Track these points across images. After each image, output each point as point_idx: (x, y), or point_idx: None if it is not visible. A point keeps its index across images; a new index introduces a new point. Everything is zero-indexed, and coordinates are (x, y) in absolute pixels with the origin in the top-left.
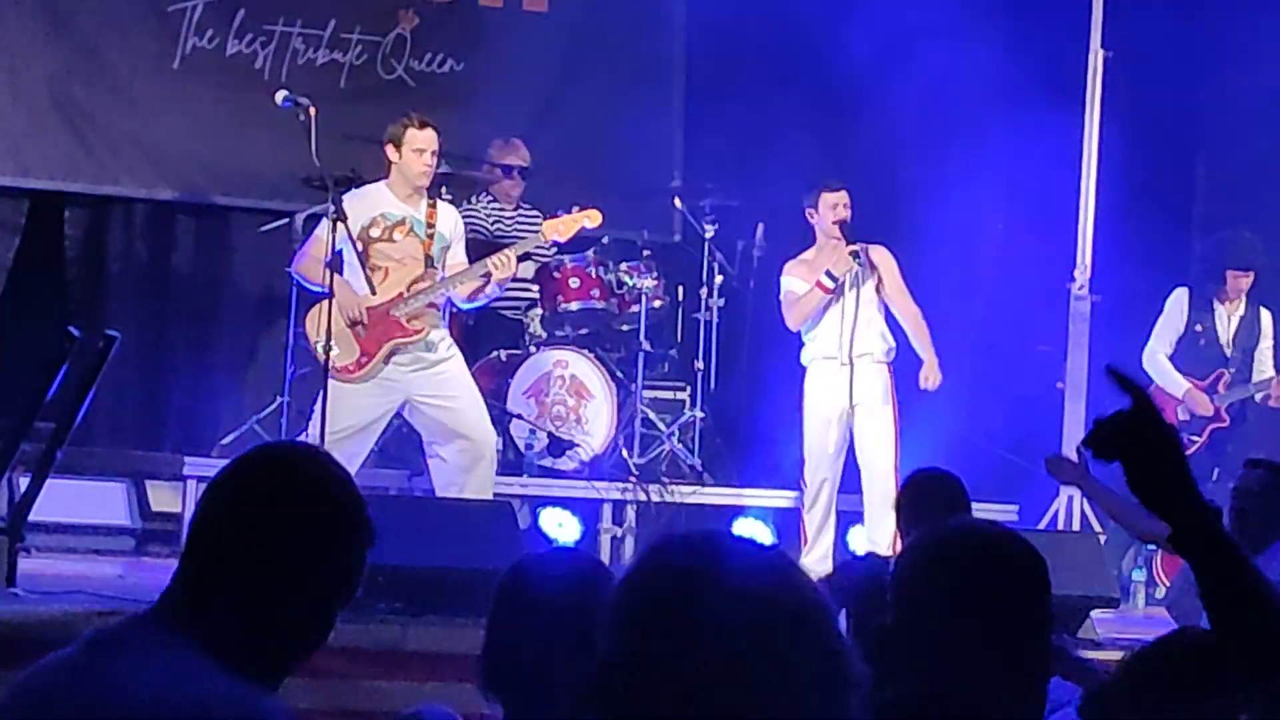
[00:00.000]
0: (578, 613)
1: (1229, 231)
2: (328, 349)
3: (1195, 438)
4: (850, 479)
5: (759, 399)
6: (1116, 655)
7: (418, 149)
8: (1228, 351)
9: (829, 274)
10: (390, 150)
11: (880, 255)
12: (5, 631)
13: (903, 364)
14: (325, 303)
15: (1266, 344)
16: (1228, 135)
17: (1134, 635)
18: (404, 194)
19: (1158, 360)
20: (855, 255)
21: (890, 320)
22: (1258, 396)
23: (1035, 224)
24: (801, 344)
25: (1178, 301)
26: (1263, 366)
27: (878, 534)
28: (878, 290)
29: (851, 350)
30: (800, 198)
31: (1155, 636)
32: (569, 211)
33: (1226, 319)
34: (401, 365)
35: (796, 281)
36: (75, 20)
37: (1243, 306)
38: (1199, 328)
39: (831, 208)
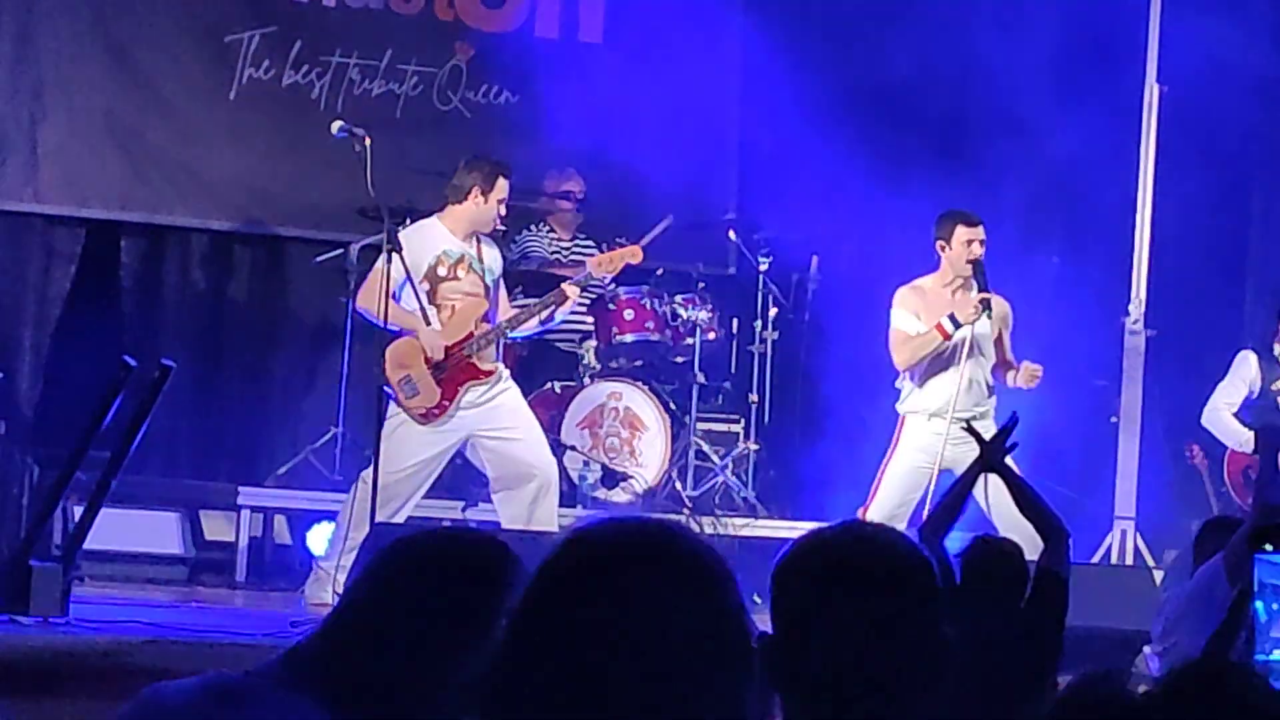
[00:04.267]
0: None
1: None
2: (381, 388)
3: None
4: None
5: (813, 432)
6: None
7: (501, 198)
8: None
9: (953, 319)
10: (476, 193)
11: (1000, 307)
12: (59, 660)
13: None
14: (401, 341)
15: None
16: None
17: None
18: (462, 232)
19: (1221, 418)
20: (985, 305)
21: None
22: None
23: (1090, 258)
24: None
25: (1245, 364)
26: None
27: None
28: (996, 344)
29: (956, 408)
30: (860, 230)
31: None
32: (612, 246)
33: None
34: (467, 403)
35: (908, 318)
36: (132, 51)
37: None
38: (1276, 386)
39: (966, 244)
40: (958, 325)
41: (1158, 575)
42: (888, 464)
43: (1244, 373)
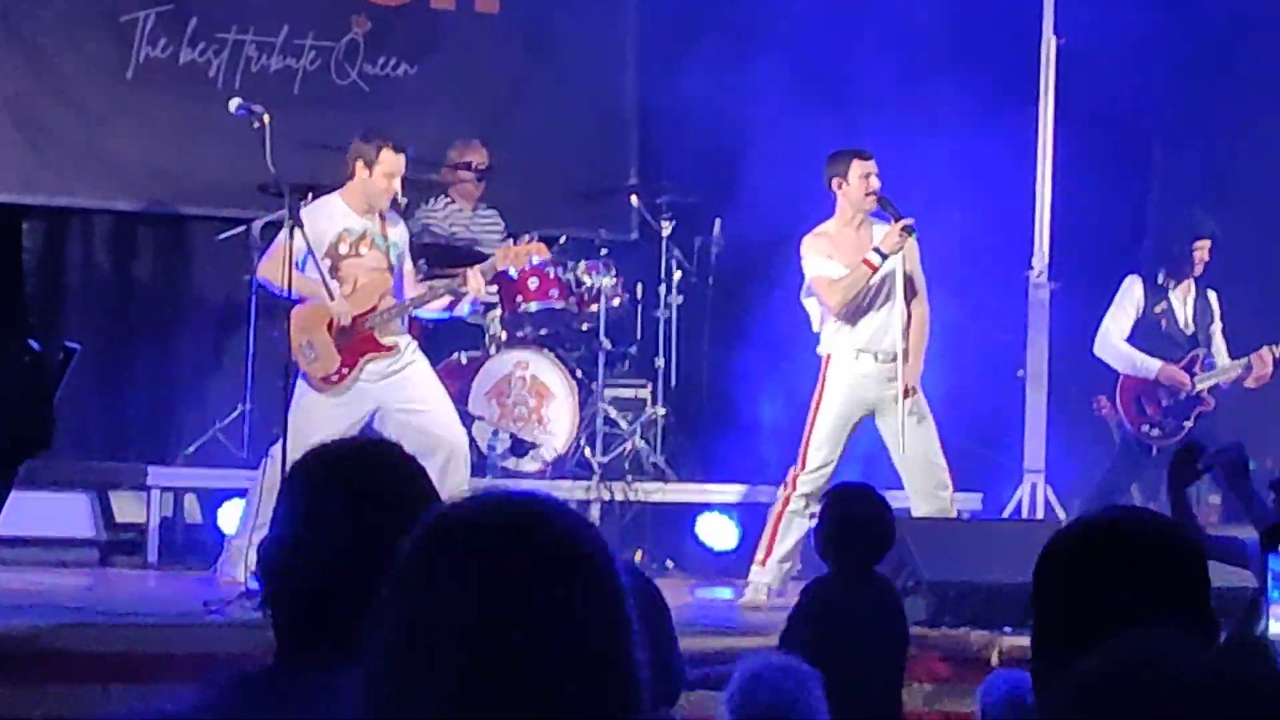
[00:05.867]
0: None
1: (1180, 209)
2: (288, 360)
3: (1186, 423)
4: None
5: (721, 394)
6: None
7: (389, 173)
8: (1188, 332)
9: (878, 251)
10: (359, 166)
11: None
12: None
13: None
14: (307, 306)
15: (1218, 326)
16: (1183, 121)
17: None
18: (361, 208)
19: (1114, 344)
20: (909, 229)
21: None
22: (1235, 378)
23: (992, 212)
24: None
25: (1131, 287)
26: (1218, 347)
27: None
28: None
29: (884, 344)
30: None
31: None
32: (519, 240)
33: (1183, 300)
34: (371, 374)
35: (825, 262)
36: (29, 32)
37: (1192, 289)
38: (1158, 309)
39: (864, 177)
40: (884, 257)
41: None
42: (817, 414)
43: (1130, 297)
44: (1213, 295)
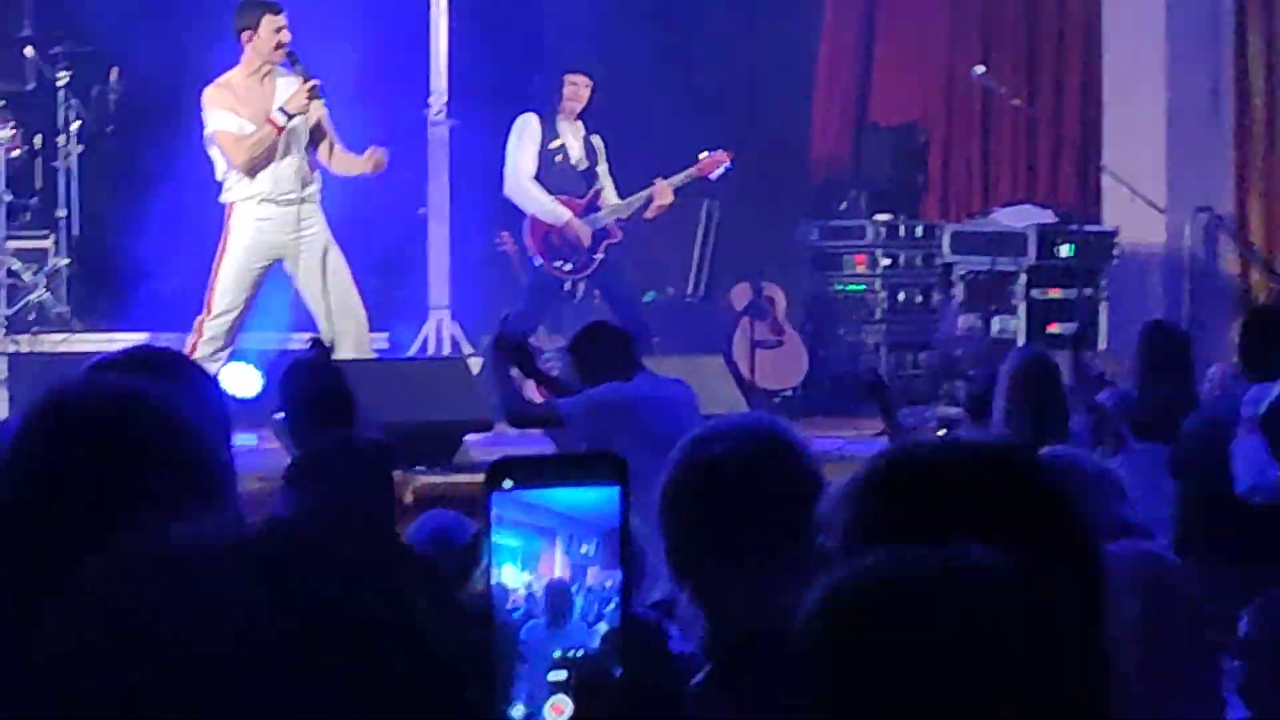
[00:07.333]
0: None
1: (566, 44)
2: None
3: (597, 255)
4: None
5: (126, 243)
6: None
7: None
8: (580, 168)
9: (284, 111)
10: None
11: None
12: None
13: None
14: None
15: (604, 166)
16: None
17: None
18: None
19: (524, 186)
20: (317, 91)
21: None
22: (636, 208)
23: (387, 51)
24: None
25: (528, 124)
26: (607, 187)
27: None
28: (317, 128)
29: (285, 191)
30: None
31: None
32: None
33: (573, 138)
34: None
35: (229, 117)
36: None
37: (581, 127)
38: (553, 145)
39: (275, 31)
40: (290, 116)
41: (474, 363)
42: (221, 261)
43: (530, 134)
44: (597, 139)
